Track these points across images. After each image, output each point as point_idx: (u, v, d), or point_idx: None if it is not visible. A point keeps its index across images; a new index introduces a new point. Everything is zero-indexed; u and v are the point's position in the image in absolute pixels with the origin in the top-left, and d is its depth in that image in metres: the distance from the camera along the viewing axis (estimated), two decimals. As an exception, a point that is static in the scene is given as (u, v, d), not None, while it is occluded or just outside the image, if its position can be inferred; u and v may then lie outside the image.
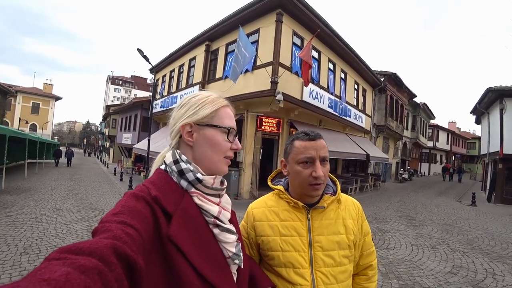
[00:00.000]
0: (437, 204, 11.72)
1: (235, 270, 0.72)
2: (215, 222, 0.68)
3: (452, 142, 38.68)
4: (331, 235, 1.00)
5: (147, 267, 0.49)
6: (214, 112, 0.73)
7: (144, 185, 0.64)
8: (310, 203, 1.03)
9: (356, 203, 1.14)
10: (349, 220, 1.05)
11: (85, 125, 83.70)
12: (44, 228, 5.40)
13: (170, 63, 16.30)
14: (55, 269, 0.32)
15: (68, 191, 9.99)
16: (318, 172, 0.95)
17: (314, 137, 1.00)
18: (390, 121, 18.46)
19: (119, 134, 26.12)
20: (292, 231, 1.01)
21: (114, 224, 0.48)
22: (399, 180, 21.91)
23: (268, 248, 1.02)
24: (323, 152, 0.99)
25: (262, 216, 1.08)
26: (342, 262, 0.99)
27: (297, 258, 0.98)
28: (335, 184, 1.12)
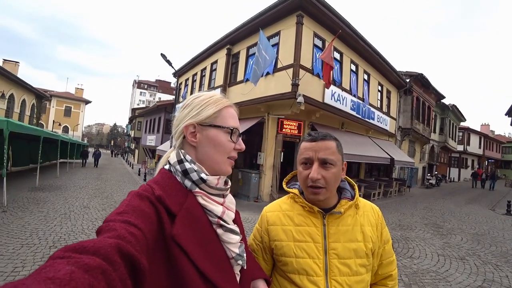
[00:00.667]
0: (468, 212, 11.04)
1: (238, 271, 0.71)
2: (219, 222, 0.67)
3: (485, 146, 36.37)
4: (348, 242, 0.96)
5: (151, 267, 0.50)
6: (217, 113, 0.73)
7: (148, 184, 0.64)
8: (326, 208, 0.99)
9: (375, 208, 1.08)
10: (367, 226, 1.00)
11: (112, 127, 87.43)
12: (72, 224, 5.68)
13: (193, 67, 16.67)
14: (59, 268, 0.33)
15: (95, 189, 10.45)
16: (312, 174, 0.92)
17: (316, 138, 0.96)
18: (416, 123, 17.73)
19: (144, 136, 27.05)
20: (307, 237, 0.97)
21: (118, 223, 0.48)
22: (426, 185, 20.95)
23: (282, 253, 0.99)
24: (324, 154, 0.93)
25: (276, 220, 1.05)
26: (358, 271, 0.94)
27: (311, 265, 0.94)
28: (353, 189, 1.07)
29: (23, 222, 5.49)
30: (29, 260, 3.78)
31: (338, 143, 0.99)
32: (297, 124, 10.28)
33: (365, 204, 1.06)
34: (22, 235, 4.77)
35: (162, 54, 10.90)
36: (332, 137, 0.99)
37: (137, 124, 30.56)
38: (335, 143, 0.97)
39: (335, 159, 0.94)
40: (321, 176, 0.92)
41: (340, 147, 0.99)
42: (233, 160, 0.76)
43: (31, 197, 7.98)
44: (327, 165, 0.93)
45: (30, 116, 21.66)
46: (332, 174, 0.93)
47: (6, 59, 22.96)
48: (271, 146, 9.99)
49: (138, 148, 30.97)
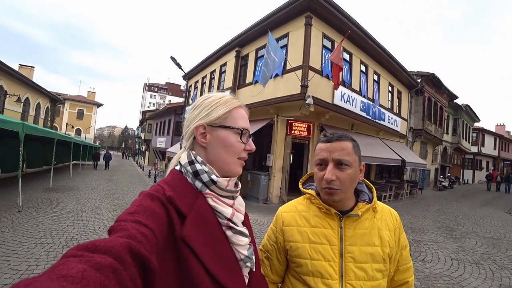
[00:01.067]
0: (482, 215, 10.73)
1: (247, 273, 0.71)
2: (228, 224, 0.68)
3: (501, 147, 35.34)
4: (365, 246, 0.94)
5: (160, 267, 0.50)
6: (227, 113, 0.73)
7: (159, 185, 0.65)
8: (343, 210, 0.97)
9: (393, 213, 1.06)
10: (385, 231, 0.97)
11: (123, 130, 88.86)
12: (84, 224, 5.79)
13: (202, 69, 16.82)
14: (72, 266, 0.33)
15: (107, 191, 10.63)
16: (326, 175, 0.91)
17: (331, 139, 0.95)
18: (428, 124, 17.39)
19: (154, 138, 27.40)
20: (323, 239, 0.95)
21: (130, 223, 0.49)
22: (439, 188, 20.48)
23: (296, 254, 0.97)
24: (339, 155, 0.92)
25: (292, 220, 1.04)
26: (375, 276, 0.92)
27: (326, 268, 0.92)
28: (371, 192, 1.05)
29: (37, 222, 5.63)
30: (42, 259, 3.87)
31: (354, 144, 0.97)
32: (306, 126, 10.23)
33: (383, 208, 1.04)
34: (36, 234, 4.90)
35: (172, 57, 11.04)
36: (349, 138, 0.97)
37: (148, 127, 31.01)
38: (351, 144, 0.95)
39: (350, 160, 0.92)
40: (335, 177, 0.91)
41: (357, 148, 0.97)
42: (244, 161, 0.76)
43: (45, 197, 8.18)
44: (342, 166, 0.91)
45: (45, 119, 22.24)
46: (347, 175, 0.91)
47: (22, 64, 23.65)
48: (280, 148, 9.97)
49: (148, 150, 31.39)
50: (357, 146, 0.98)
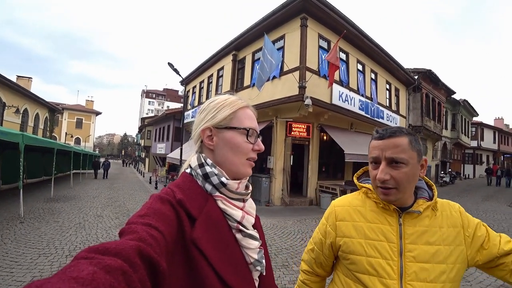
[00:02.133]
0: (485, 209, 10.71)
1: (257, 277, 0.71)
2: (238, 227, 0.67)
3: (500, 140, 35.36)
4: (426, 244, 0.87)
5: (170, 269, 0.51)
6: (233, 114, 0.73)
7: (169, 188, 0.65)
8: (401, 207, 0.91)
9: (455, 207, 0.96)
10: (447, 228, 0.90)
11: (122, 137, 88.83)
12: (87, 233, 5.77)
13: (200, 74, 16.87)
14: (82, 268, 0.34)
15: (108, 199, 10.60)
16: (379, 175, 0.87)
17: (383, 135, 0.89)
18: (427, 121, 17.42)
19: (154, 144, 27.39)
20: (380, 235, 0.90)
21: (140, 225, 0.49)
22: (440, 183, 20.48)
23: (350, 251, 0.93)
24: (392, 153, 0.85)
25: (346, 215, 0.99)
26: (438, 277, 0.84)
27: (384, 266, 0.86)
28: (431, 189, 0.98)
29: (39, 232, 5.61)
30: (46, 270, 3.85)
31: (411, 139, 0.89)
32: (305, 127, 10.25)
33: (442, 204, 0.96)
34: (39, 245, 4.87)
35: (169, 63, 11.06)
36: (404, 132, 0.89)
37: (147, 133, 31.00)
38: (407, 139, 0.87)
39: (406, 157, 0.85)
40: (389, 177, 0.85)
41: (415, 143, 0.89)
42: (253, 161, 0.75)
43: (46, 207, 8.15)
44: (397, 164, 0.86)
45: (44, 129, 22.24)
46: (403, 174, 0.85)
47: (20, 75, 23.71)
48: (281, 150, 9.97)
49: (148, 156, 31.37)
50: (415, 140, 0.90)
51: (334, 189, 9.97)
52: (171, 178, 18.28)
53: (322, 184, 10.68)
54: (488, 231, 0.91)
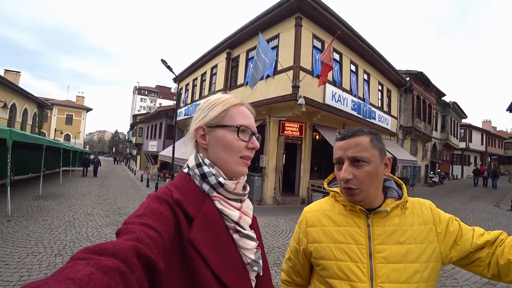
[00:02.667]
0: (472, 209, 10.98)
1: (254, 277, 0.71)
2: (235, 227, 0.67)
3: (487, 142, 36.21)
4: (396, 244, 0.85)
5: (167, 270, 0.50)
6: (224, 112, 0.72)
7: (167, 187, 0.65)
8: (370, 208, 0.90)
9: (426, 204, 0.94)
10: (418, 226, 0.88)
11: (113, 134, 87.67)
12: (77, 232, 5.68)
13: (193, 72, 16.76)
14: (79, 269, 0.34)
15: (98, 196, 10.46)
16: (342, 174, 0.86)
17: (345, 135, 0.90)
18: (417, 122, 17.69)
19: (146, 142, 27.11)
20: (349, 238, 0.89)
21: (137, 226, 0.49)
22: (429, 183, 20.84)
23: (320, 256, 0.92)
24: (353, 152, 0.86)
25: (316, 221, 0.98)
26: (411, 278, 0.82)
27: (354, 270, 0.85)
28: (400, 188, 0.97)
29: (28, 231, 5.49)
30: (35, 269, 3.78)
31: (373, 137, 0.89)
32: (298, 126, 10.29)
33: (413, 202, 0.94)
34: (27, 243, 4.77)
35: (162, 60, 10.94)
36: (365, 132, 0.89)
37: (139, 130, 30.64)
38: (368, 138, 0.88)
39: (368, 155, 0.85)
40: (352, 176, 0.85)
41: (376, 141, 0.89)
42: (248, 159, 0.73)
43: (35, 205, 7.99)
44: (359, 163, 0.85)
45: (32, 125, 21.77)
46: (365, 172, 0.85)
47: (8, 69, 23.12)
48: (273, 149, 9.99)
49: (140, 154, 31.03)
50: (376, 139, 0.90)
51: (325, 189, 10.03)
52: (163, 176, 18.16)
53: (314, 183, 10.75)
54: (460, 225, 0.90)
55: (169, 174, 14.71)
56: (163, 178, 17.81)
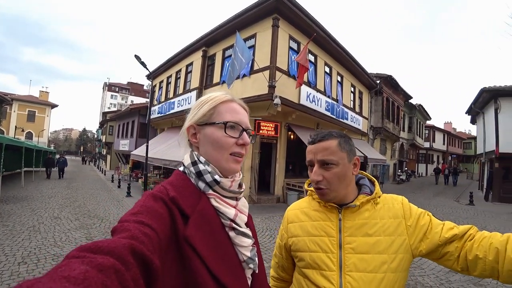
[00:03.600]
0: (436, 204, 11.79)
1: (250, 274, 0.71)
2: (231, 225, 0.67)
3: (449, 142, 38.91)
4: (365, 236, 0.91)
5: (163, 267, 0.50)
6: (213, 109, 0.72)
7: (162, 185, 0.65)
8: (343, 204, 0.97)
9: (397, 199, 1.00)
10: (388, 219, 0.93)
11: (81, 132, 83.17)
12: (42, 237, 5.34)
13: (167, 69, 16.34)
14: (74, 267, 0.34)
15: (66, 199, 9.90)
16: (312, 176, 0.94)
17: (314, 140, 0.96)
18: (387, 123, 18.57)
19: (116, 140, 26.04)
20: (321, 231, 0.96)
21: (132, 223, 0.49)
22: (397, 181, 21.96)
23: (297, 249, 1.00)
24: (323, 155, 0.92)
25: (295, 218, 1.07)
26: (379, 267, 0.87)
27: (324, 259, 0.91)
28: (373, 185, 1.04)
29: (-15, 238, 5.08)
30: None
31: (341, 140, 0.95)
32: (274, 126, 10.39)
33: (385, 197, 1.00)
34: (-15, 251, 4.42)
35: (136, 56, 10.56)
36: (333, 136, 0.95)
37: (109, 129, 29.35)
38: (336, 142, 0.93)
39: (335, 158, 0.91)
40: (322, 178, 0.92)
41: (344, 144, 0.94)
42: (239, 156, 0.73)
43: (-7, 209, 7.40)
44: (328, 166, 0.92)
45: (-11, 122, 20.09)
46: (333, 174, 0.91)
47: (-40, 60, 21.14)
48: (249, 148, 10.00)
49: (110, 153, 29.75)
50: (344, 142, 0.95)
51: (300, 187, 10.24)
52: (135, 176, 17.54)
53: (289, 182, 10.93)
54: (431, 220, 0.94)
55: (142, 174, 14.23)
56: (136, 179, 17.22)
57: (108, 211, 8.19)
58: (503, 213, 10.00)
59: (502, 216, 9.41)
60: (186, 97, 12.98)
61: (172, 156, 9.27)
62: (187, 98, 12.91)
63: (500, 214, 9.78)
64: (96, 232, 5.95)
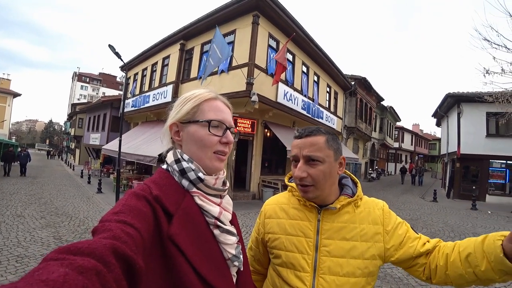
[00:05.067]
0: (403, 201, 12.50)
1: (235, 272, 0.70)
2: (216, 223, 0.67)
3: (416, 143, 41.22)
4: (342, 240, 0.90)
5: (147, 267, 0.49)
6: (196, 107, 0.71)
7: (145, 184, 0.63)
8: (323, 205, 0.94)
9: (379, 204, 0.99)
10: (368, 224, 0.92)
11: (47, 125, 78.37)
12: (4, 237, 5.01)
13: (143, 61, 15.79)
14: (53, 270, 0.32)
15: (30, 195, 9.34)
16: (296, 172, 0.90)
17: (302, 134, 0.93)
18: (360, 123, 19.26)
19: (86, 134, 24.85)
20: (299, 231, 0.94)
21: (114, 223, 0.47)
22: (368, 179, 22.91)
23: (273, 246, 0.98)
24: (309, 151, 0.88)
25: (272, 213, 1.04)
26: (352, 272, 0.87)
27: (299, 260, 0.90)
28: (356, 186, 1.01)
29: None
30: None
31: (329, 137, 0.92)
32: (250, 123, 10.43)
33: (367, 201, 0.99)
34: None
35: (110, 46, 10.08)
36: (322, 132, 0.92)
37: (78, 121, 27.89)
38: (324, 138, 0.90)
39: (322, 155, 0.88)
40: (306, 174, 0.88)
41: (332, 142, 0.91)
42: (223, 154, 0.72)
43: None
44: (314, 162, 0.88)
45: None
46: (319, 171, 0.88)
47: None
48: (226, 144, 9.96)
49: (79, 147, 28.32)
50: (332, 139, 0.92)
51: (276, 184, 10.39)
52: (106, 172, 16.87)
53: (265, 179, 11.03)
54: (408, 231, 0.94)
55: (114, 170, 13.70)
56: (107, 174, 16.57)
57: (77, 208, 7.82)
58: (462, 209, 10.84)
59: (461, 212, 10.22)
60: (162, 91, 12.64)
61: (146, 151, 9.01)
62: (163, 92, 12.57)
63: (459, 210, 10.59)
64: (65, 231, 5.67)
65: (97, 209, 7.84)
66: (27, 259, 4.12)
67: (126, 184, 11.38)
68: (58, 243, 4.91)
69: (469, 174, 14.32)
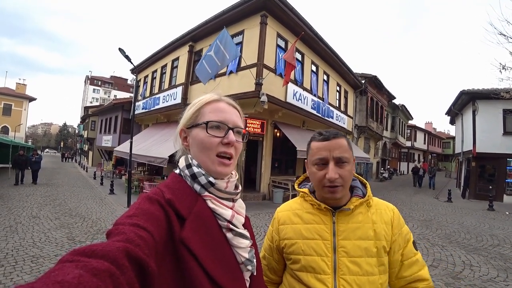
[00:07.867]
0: (416, 201, 12.18)
1: (248, 277, 0.69)
2: (228, 226, 0.67)
3: (429, 141, 40.28)
4: (358, 240, 0.92)
5: (159, 270, 0.50)
6: (197, 112, 0.72)
7: (158, 188, 0.64)
8: (337, 206, 0.97)
9: (390, 206, 1.03)
10: (380, 224, 0.96)
11: (61, 128, 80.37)
12: (20, 238, 5.12)
13: (153, 63, 15.99)
14: (68, 271, 0.33)
15: (45, 197, 9.56)
16: (330, 174, 0.90)
17: (328, 136, 0.95)
18: (371, 122, 18.98)
19: (99, 136, 25.35)
20: (315, 234, 0.95)
21: (128, 226, 0.49)
22: (380, 179, 22.55)
23: (291, 251, 0.98)
24: (339, 153, 0.92)
25: (287, 219, 1.05)
26: (370, 271, 0.90)
27: (319, 263, 0.92)
28: (365, 187, 1.05)
29: (-44, 237, 4.82)
30: (-33, 278, 3.34)
31: (348, 140, 0.98)
32: (260, 123, 10.39)
33: (378, 202, 1.03)
34: (-44, 251, 4.19)
35: (120, 49, 10.25)
36: (343, 135, 0.98)
37: (91, 124, 28.51)
38: (345, 140, 0.97)
39: (348, 156, 0.94)
40: (338, 175, 0.90)
41: (350, 144, 0.98)
42: (228, 157, 0.70)
43: (-35, 207, 7.02)
44: (343, 163, 0.92)
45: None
46: (347, 171, 0.92)
47: None
48: (236, 145, 9.97)
49: (92, 149, 28.92)
50: (350, 142, 0.99)
51: (286, 184, 10.32)
52: (118, 173, 17.15)
53: (275, 180, 10.98)
54: (408, 246, 0.98)
55: (126, 171, 13.90)
56: (119, 175, 16.83)
57: (90, 209, 7.95)
58: (479, 210, 10.48)
59: (477, 212, 9.87)
60: (172, 93, 12.76)
61: (157, 153, 9.10)
62: (172, 94, 12.69)
63: (476, 211, 10.25)
64: (78, 232, 5.76)
65: (109, 210, 7.95)
66: (42, 259, 4.20)
67: (137, 185, 11.51)
68: (72, 243, 4.99)
69: (485, 173, 13.86)
